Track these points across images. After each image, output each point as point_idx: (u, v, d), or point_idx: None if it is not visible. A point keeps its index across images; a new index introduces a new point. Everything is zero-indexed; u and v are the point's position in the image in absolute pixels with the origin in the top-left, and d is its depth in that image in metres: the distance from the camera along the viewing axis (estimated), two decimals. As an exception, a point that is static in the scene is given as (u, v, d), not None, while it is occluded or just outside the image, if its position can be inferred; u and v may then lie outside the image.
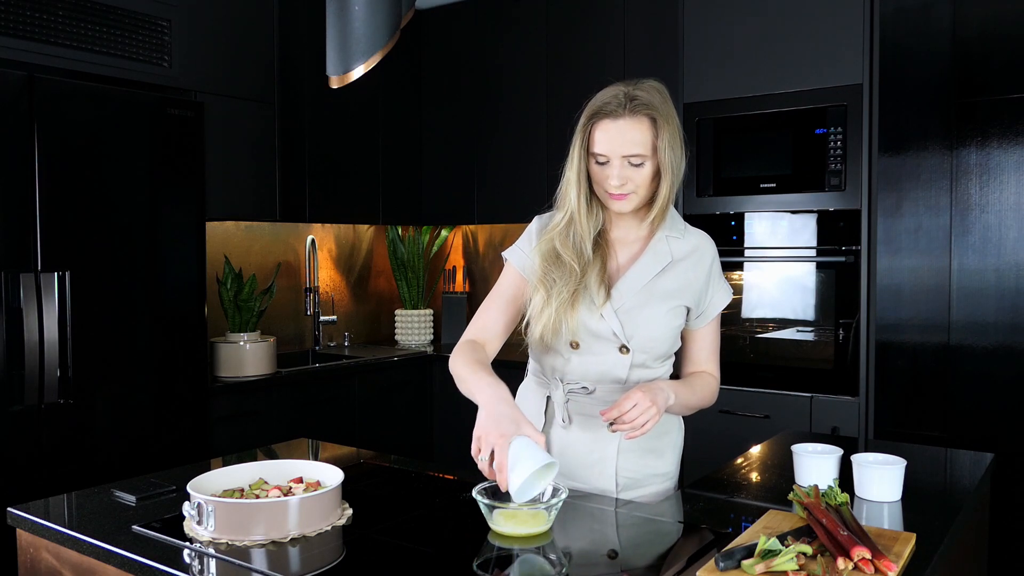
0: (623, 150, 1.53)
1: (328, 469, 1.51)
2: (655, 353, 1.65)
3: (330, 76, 2.48)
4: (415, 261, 4.25)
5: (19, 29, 2.56)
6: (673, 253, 1.64)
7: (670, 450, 1.73)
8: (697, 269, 1.66)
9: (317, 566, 1.26)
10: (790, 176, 2.93)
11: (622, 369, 1.63)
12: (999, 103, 3.30)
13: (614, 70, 3.60)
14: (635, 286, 1.62)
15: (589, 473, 1.67)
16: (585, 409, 1.67)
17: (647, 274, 1.63)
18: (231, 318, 3.28)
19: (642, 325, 1.61)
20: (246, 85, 3.33)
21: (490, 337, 1.70)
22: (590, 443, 1.67)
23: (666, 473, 1.73)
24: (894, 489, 1.53)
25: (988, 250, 3.35)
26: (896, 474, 1.53)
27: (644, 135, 1.53)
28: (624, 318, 1.61)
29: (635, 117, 1.53)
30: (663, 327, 1.63)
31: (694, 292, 1.66)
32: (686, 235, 1.68)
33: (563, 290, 1.59)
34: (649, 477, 1.70)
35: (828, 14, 2.82)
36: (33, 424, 2.47)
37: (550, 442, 1.70)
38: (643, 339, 1.62)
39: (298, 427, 3.27)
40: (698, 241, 1.69)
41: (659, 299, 1.62)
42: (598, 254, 1.64)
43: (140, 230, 2.73)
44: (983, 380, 3.37)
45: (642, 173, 1.56)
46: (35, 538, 1.51)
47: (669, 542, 1.45)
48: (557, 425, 1.69)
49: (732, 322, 3.08)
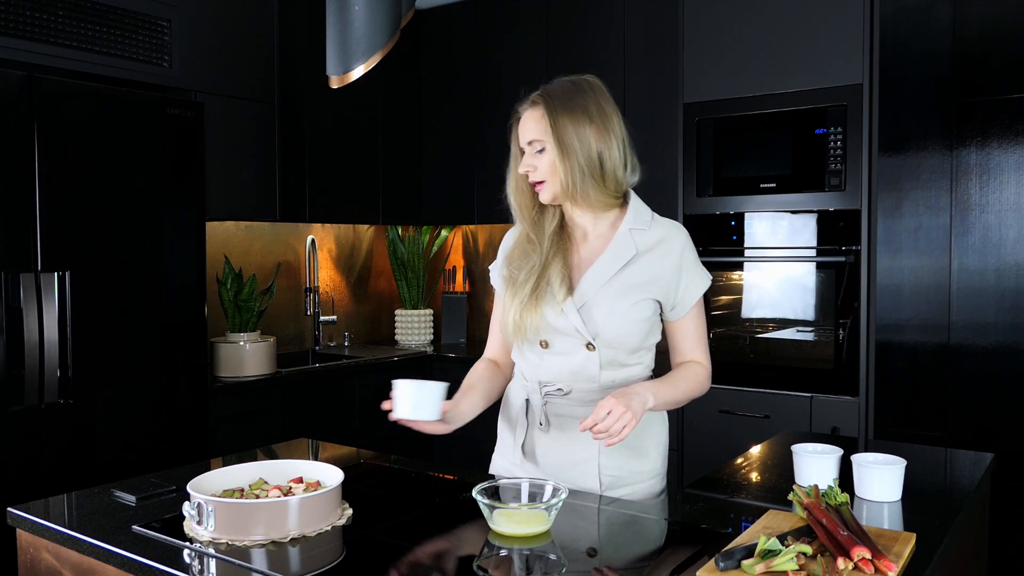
0: (525, 138, 1.65)
1: (328, 469, 1.51)
2: (624, 348, 1.64)
3: (330, 76, 2.48)
4: (415, 261, 4.25)
5: (19, 29, 2.56)
6: (638, 246, 1.65)
7: (654, 448, 1.73)
8: (665, 260, 1.66)
9: (317, 566, 1.26)
10: (790, 176, 2.93)
11: (593, 367, 1.64)
12: (999, 103, 3.30)
13: (614, 70, 3.60)
14: (598, 281, 1.63)
15: (572, 473, 1.68)
16: (563, 410, 1.68)
17: (610, 268, 1.63)
18: (231, 318, 3.28)
19: (605, 320, 1.61)
20: (246, 85, 3.33)
21: (497, 355, 1.84)
22: (571, 444, 1.67)
23: (651, 471, 1.72)
24: (894, 489, 1.53)
25: (988, 250, 3.35)
26: (896, 474, 1.53)
27: (538, 122, 1.62)
28: (586, 314, 1.62)
29: (532, 107, 1.64)
30: (628, 321, 1.62)
31: (663, 284, 1.65)
32: (652, 226, 1.68)
33: (524, 286, 1.64)
34: (633, 475, 1.69)
35: (828, 14, 2.82)
36: (33, 424, 2.47)
37: (533, 445, 1.71)
38: (609, 335, 1.62)
39: (298, 427, 3.28)
40: (665, 232, 1.68)
41: (622, 293, 1.62)
42: (559, 250, 1.67)
43: (140, 230, 2.73)
44: (983, 380, 3.37)
45: (544, 160, 1.63)
46: (35, 538, 1.51)
47: (669, 542, 1.45)
48: (537, 428, 1.70)
49: (732, 322, 3.09)
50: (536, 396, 1.69)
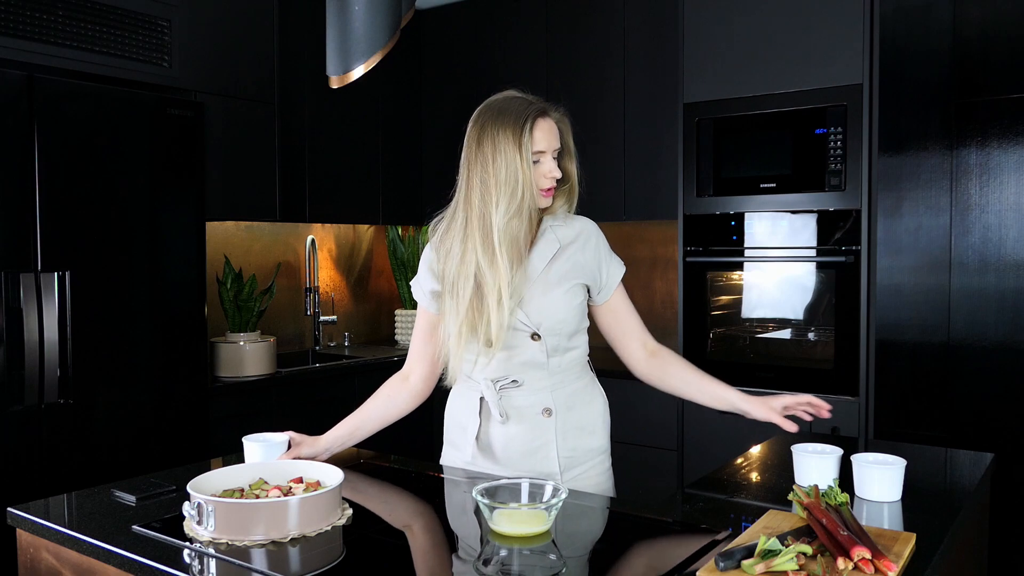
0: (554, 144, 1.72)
1: (328, 469, 1.51)
2: (565, 333, 1.73)
3: (330, 76, 2.48)
4: (415, 261, 4.25)
5: (19, 29, 2.56)
6: (560, 240, 1.74)
7: (600, 426, 1.81)
8: (585, 250, 1.76)
9: (317, 566, 1.26)
10: (790, 176, 2.93)
11: (540, 355, 1.71)
12: (999, 103, 3.30)
13: (614, 70, 3.60)
14: (531, 276, 1.70)
15: (533, 459, 1.73)
16: (518, 401, 1.73)
17: (540, 263, 1.71)
18: (231, 318, 3.28)
19: (545, 310, 1.70)
20: (246, 85, 3.33)
21: (412, 367, 1.85)
22: (529, 431, 1.73)
23: (599, 447, 1.80)
24: (894, 489, 1.53)
25: (988, 250, 3.35)
26: (896, 474, 1.53)
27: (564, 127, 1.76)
28: (527, 307, 1.69)
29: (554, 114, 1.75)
30: (565, 307, 1.72)
31: (587, 270, 1.75)
32: (568, 222, 1.78)
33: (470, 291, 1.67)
34: (586, 454, 1.77)
35: (828, 14, 2.82)
36: (33, 424, 2.47)
37: (490, 439, 1.75)
38: (551, 323, 1.70)
39: (298, 427, 3.26)
40: (581, 225, 1.79)
41: (555, 282, 1.72)
42: None
43: (140, 230, 2.73)
44: (983, 380, 3.37)
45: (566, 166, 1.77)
46: (35, 538, 1.51)
47: (668, 542, 1.45)
48: (495, 422, 1.74)
49: (732, 322, 3.09)
50: (491, 392, 1.73)
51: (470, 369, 1.75)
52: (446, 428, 1.87)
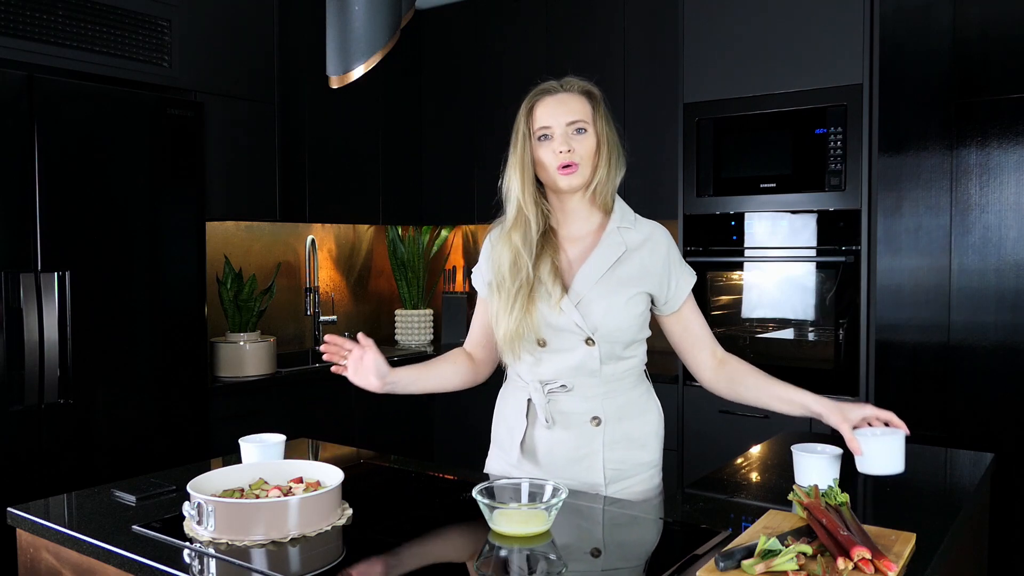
0: (566, 117, 1.63)
1: (328, 469, 1.51)
2: (621, 341, 1.66)
3: (330, 76, 2.48)
4: (415, 261, 4.25)
5: (19, 29, 2.56)
6: (627, 243, 1.68)
7: (653, 439, 1.74)
8: (653, 256, 1.69)
9: (317, 566, 1.26)
10: (790, 176, 2.93)
11: (593, 361, 1.65)
12: (999, 103, 3.30)
13: (614, 70, 3.60)
14: (592, 277, 1.65)
15: (577, 469, 1.68)
16: (566, 407, 1.68)
17: (603, 264, 1.65)
18: (231, 318, 3.28)
19: (604, 315, 1.63)
20: (246, 85, 3.33)
21: (474, 349, 1.83)
22: (575, 439, 1.68)
23: (650, 462, 1.73)
24: (896, 460, 1.50)
25: (988, 250, 3.35)
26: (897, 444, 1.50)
27: (583, 105, 1.65)
28: (584, 310, 1.63)
29: (572, 92, 1.67)
30: (625, 315, 1.65)
31: (653, 278, 1.68)
32: (637, 225, 1.71)
33: (517, 288, 1.63)
34: (635, 467, 1.70)
35: (828, 14, 2.82)
36: (33, 424, 2.47)
37: (534, 444, 1.71)
38: (608, 329, 1.64)
39: (298, 427, 3.27)
40: (650, 230, 1.72)
41: (618, 288, 1.65)
42: (548, 250, 1.67)
43: (140, 230, 2.73)
44: (983, 380, 3.37)
45: (585, 144, 1.64)
46: (35, 538, 1.51)
47: (669, 542, 1.45)
48: (540, 426, 1.69)
49: (732, 322, 3.09)
50: (538, 395, 1.68)
51: (520, 367, 1.71)
52: (494, 428, 1.82)
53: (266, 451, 1.68)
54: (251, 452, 1.69)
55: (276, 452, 1.70)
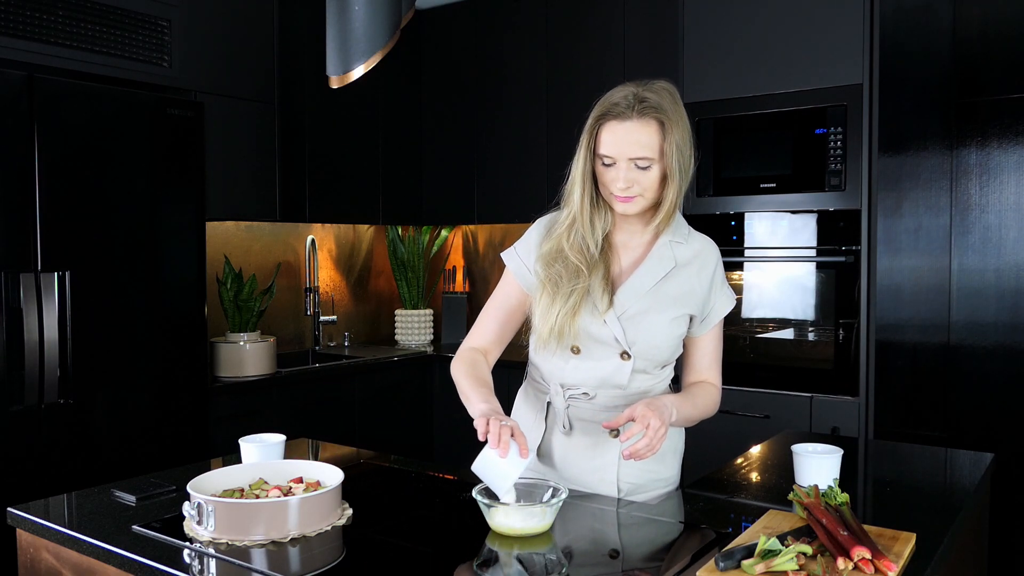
0: (630, 152, 1.51)
1: (328, 469, 1.51)
2: (656, 360, 1.63)
3: (330, 76, 2.48)
4: (415, 261, 4.25)
5: (19, 29, 2.56)
6: (677, 258, 1.62)
7: (671, 454, 1.72)
8: (701, 275, 1.64)
9: (317, 566, 1.26)
10: (790, 176, 2.93)
11: (623, 375, 1.62)
12: (999, 103, 3.30)
13: (614, 70, 3.60)
14: (639, 291, 1.60)
15: (591, 479, 1.66)
16: (585, 415, 1.65)
17: (651, 279, 1.61)
18: (231, 318, 3.28)
19: (644, 332, 1.60)
20: (246, 85, 3.33)
21: (489, 346, 1.72)
22: (591, 449, 1.66)
23: (668, 478, 1.71)
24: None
25: (988, 250, 3.35)
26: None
27: (651, 138, 1.51)
28: (627, 324, 1.59)
29: (643, 119, 1.50)
30: (665, 335, 1.61)
31: (697, 299, 1.64)
32: (689, 240, 1.66)
33: (569, 293, 1.57)
34: (652, 483, 1.68)
35: (828, 14, 2.82)
36: (33, 424, 2.47)
37: (551, 448, 1.69)
38: (645, 346, 1.60)
39: (298, 427, 3.27)
40: (701, 246, 1.67)
41: (663, 306, 1.61)
42: (602, 258, 1.61)
43: (140, 230, 2.73)
44: (983, 380, 3.36)
45: (649, 176, 1.53)
46: (35, 538, 1.51)
47: (669, 542, 1.45)
48: (558, 431, 1.68)
49: (732, 322, 3.08)
50: (559, 399, 1.66)
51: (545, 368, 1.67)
52: None
53: (266, 451, 1.68)
54: (251, 452, 1.69)
55: (276, 452, 1.70)
